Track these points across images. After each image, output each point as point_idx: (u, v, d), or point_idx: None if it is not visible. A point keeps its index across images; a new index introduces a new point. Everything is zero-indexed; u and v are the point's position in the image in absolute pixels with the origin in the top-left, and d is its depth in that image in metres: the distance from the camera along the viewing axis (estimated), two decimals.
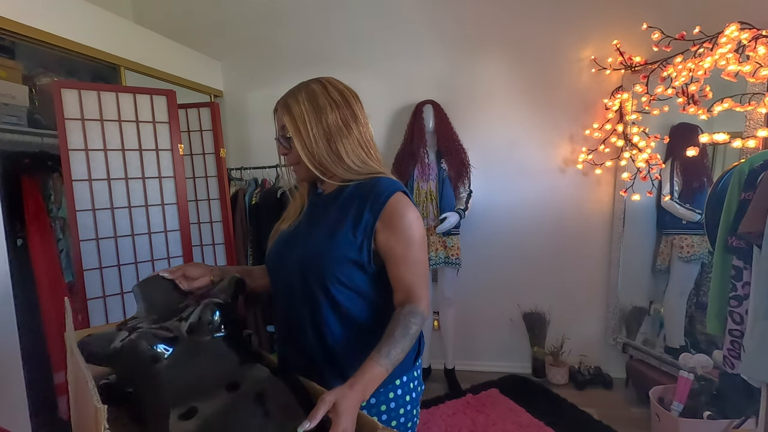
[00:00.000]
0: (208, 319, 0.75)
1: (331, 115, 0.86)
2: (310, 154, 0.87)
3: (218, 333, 0.76)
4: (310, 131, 0.86)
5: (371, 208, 0.84)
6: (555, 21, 2.51)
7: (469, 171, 2.54)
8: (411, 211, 0.86)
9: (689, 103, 1.95)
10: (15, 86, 1.91)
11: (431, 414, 2.27)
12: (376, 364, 0.73)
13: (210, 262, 2.58)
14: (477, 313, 2.79)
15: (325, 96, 0.87)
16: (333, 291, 0.85)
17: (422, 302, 0.84)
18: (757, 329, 1.27)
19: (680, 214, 2.26)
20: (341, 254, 0.84)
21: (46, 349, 1.88)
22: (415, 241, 0.85)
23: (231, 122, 3.04)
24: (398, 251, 0.84)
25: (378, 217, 0.84)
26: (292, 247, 0.91)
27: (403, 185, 0.89)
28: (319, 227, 0.89)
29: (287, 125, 0.87)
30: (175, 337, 0.73)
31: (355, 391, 0.68)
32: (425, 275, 0.88)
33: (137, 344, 0.70)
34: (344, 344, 0.87)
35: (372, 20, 2.74)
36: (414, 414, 0.95)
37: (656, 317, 2.50)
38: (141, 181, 2.05)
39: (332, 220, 0.87)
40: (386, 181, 0.88)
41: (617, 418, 2.18)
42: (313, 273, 0.86)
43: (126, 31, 2.21)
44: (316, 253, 0.86)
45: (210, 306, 0.77)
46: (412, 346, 0.81)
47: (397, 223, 0.84)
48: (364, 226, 0.84)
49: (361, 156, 0.90)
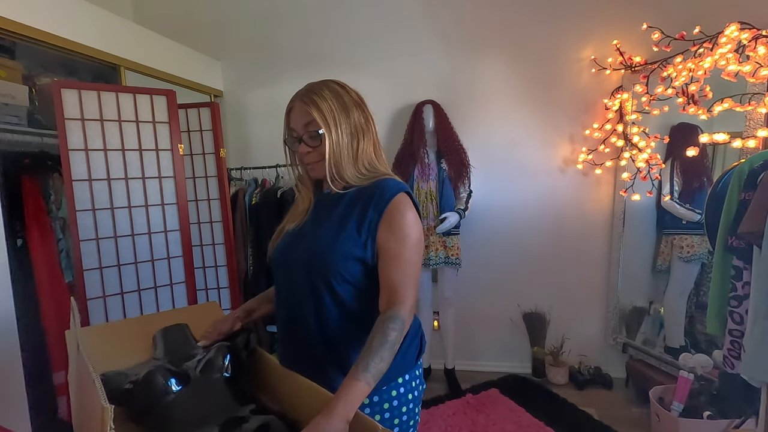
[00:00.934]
0: (219, 361, 0.84)
1: (355, 113, 0.89)
2: (336, 151, 0.87)
3: (226, 373, 0.83)
4: (339, 127, 0.87)
5: (375, 206, 0.86)
6: (555, 21, 2.51)
7: (469, 171, 2.54)
8: (411, 211, 0.87)
9: (689, 103, 1.95)
10: (15, 86, 1.91)
11: (431, 414, 2.27)
12: (356, 381, 0.72)
13: (210, 262, 2.59)
14: (477, 313, 2.79)
15: (347, 95, 0.90)
16: (336, 287, 0.86)
17: (404, 305, 0.82)
18: (757, 329, 1.27)
19: (680, 214, 2.26)
20: (346, 252, 0.85)
21: (46, 349, 1.87)
22: (410, 242, 0.85)
23: (231, 122, 3.04)
24: (392, 249, 0.85)
25: (381, 214, 0.85)
26: (297, 246, 0.92)
27: (408, 187, 0.91)
28: (325, 226, 0.90)
29: (317, 120, 0.86)
30: (186, 374, 0.80)
31: (335, 417, 0.66)
32: (414, 277, 0.86)
33: (153, 376, 0.76)
34: (344, 336, 0.89)
35: (372, 20, 2.74)
36: (416, 412, 0.97)
37: (656, 317, 2.50)
38: (141, 181, 2.05)
39: (338, 219, 0.88)
40: (392, 182, 0.89)
41: (617, 418, 2.18)
42: (318, 270, 0.87)
43: (126, 30, 2.21)
44: (322, 251, 0.87)
45: (222, 349, 0.86)
46: (395, 353, 0.78)
47: (395, 221, 0.85)
48: (368, 223, 0.85)
49: (371, 158, 0.91)
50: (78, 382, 0.69)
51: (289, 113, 0.92)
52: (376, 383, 0.74)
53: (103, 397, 0.50)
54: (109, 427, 0.47)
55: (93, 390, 0.53)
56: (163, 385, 0.75)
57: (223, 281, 2.61)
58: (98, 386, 0.53)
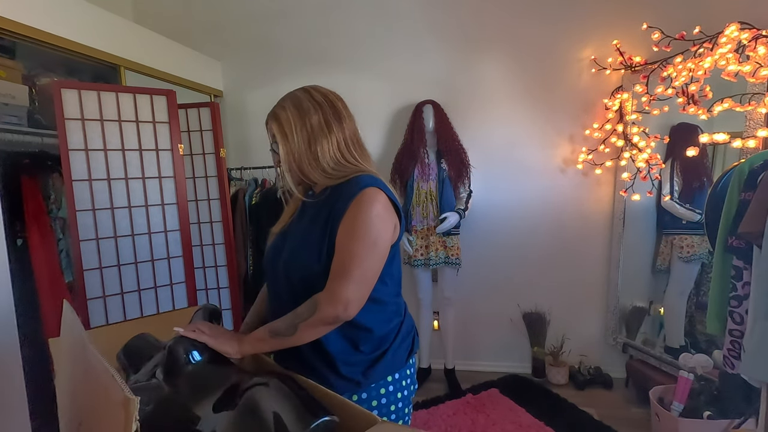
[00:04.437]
0: (179, 355, 0.76)
1: (314, 116, 0.89)
2: (292, 158, 0.89)
3: (196, 359, 0.76)
4: (294, 135, 0.89)
5: (343, 201, 0.85)
6: (555, 21, 2.51)
7: (469, 171, 2.54)
8: (375, 206, 0.83)
9: (689, 103, 1.95)
10: (15, 86, 1.91)
11: (431, 414, 2.27)
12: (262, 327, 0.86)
13: (210, 262, 2.59)
14: (477, 313, 2.79)
15: (309, 100, 0.91)
16: (314, 284, 0.86)
17: (327, 292, 0.81)
18: (757, 329, 1.27)
19: (680, 214, 2.26)
20: (317, 249, 0.86)
21: (47, 350, 1.87)
22: (360, 236, 0.81)
23: (231, 122, 3.03)
24: (341, 241, 0.83)
25: (346, 210, 0.84)
26: (280, 250, 0.94)
27: (384, 182, 0.88)
28: (300, 226, 0.93)
29: (275, 133, 0.91)
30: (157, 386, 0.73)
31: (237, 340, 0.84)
32: (359, 275, 0.81)
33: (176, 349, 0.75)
34: (332, 338, 0.89)
35: (372, 20, 2.74)
36: (406, 412, 0.97)
37: (656, 317, 2.50)
38: (141, 181, 2.05)
39: (311, 218, 0.91)
40: (365, 177, 0.87)
41: (617, 418, 2.18)
42: (295, 269, 0.89)
43: (126, 31, 2.20)
44: (296, 249, 0.90)
45: (173, 344, 0.77)
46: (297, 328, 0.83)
47: (351, 216, 0.83)
48: (333, 219, 0.85)
49: (336, 157, 0.89)
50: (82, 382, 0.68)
51: (266, 128, 0.97)
52: (273, 339, 0.85)
53: (127, 389, 0.49)
54: (135, 418, 0.46)
55: (109, 385, 0.52)
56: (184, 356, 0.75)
57: (223, 281, 2.61)
58: (118, 379, 0.51)
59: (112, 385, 0.51)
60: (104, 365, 0.56)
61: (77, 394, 0.71)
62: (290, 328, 0.83)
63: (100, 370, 0.56)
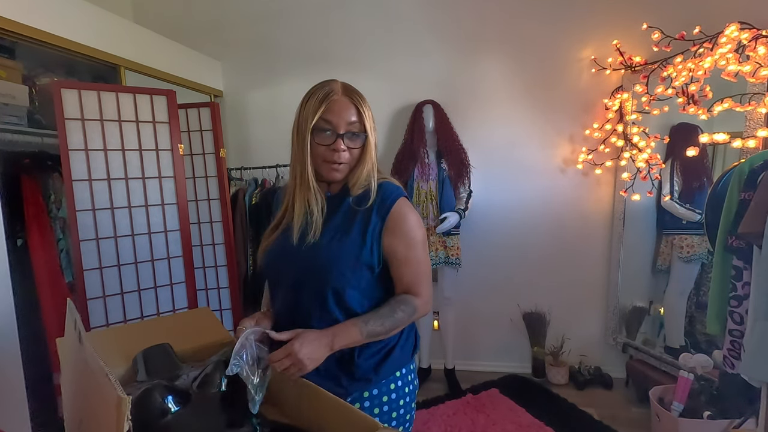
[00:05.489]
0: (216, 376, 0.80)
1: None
2: (375, 149, 0.92)
3: (222, 388, 0.80)
4: (374, 134, 0.91)
5: (378, 212, 0.88)
6: (555, 21, 2.51)
7: (469, 171, 2.54)
8: (413, 214, 0.92)
9: (689, 103, 1.95)
10: (15, 86, 1.91)
11: (431, 414, 2.27)
12: (353, 326, 0.82)
13: (210, 262, 2.59)
14: (477, 313, 2.79)
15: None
16: (344, 294, 0.87)
17: (419, 297, 0.90)
18: (757, 329, 1.27)
19: (680, 214, 2.26)
20: (355, 259, 0.87)
21: (47, 349, 1.87)
22: (417, 243, 0.91)
23: (231, 122, 3.03)
24: (401, 253, 0.89)
25: (385, 221, 0.88)
26: (298, 253, 0.89)
27: (403, 188, 0.95)
28: (330, 232, 0.89)
29: (363, 122, 0.87)
30: (185, 392, 0.76)
31: (322, 340, 0.78)
32: (427, 274, 0.93)
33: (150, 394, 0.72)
34: None
35: (372, 20, 2.74)
36: (412, 406, 0.98)
37: (656, 317, 2.50)
38: (141, 181, 2.05)
39: (342, 226, 0.89)
40: (390, 186, 0.92)
41: (617, 418, 2.18)
42: (326, 278, 0.87)
43: (126, 31, 2.21)
44: (331, 258, 0.87)
45: (219, 364, 0.82)
46: (394, 330, 0.87)
47: (400, 227, 0.89)
48: (372, 229, 0.88)
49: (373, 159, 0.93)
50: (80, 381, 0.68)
51: (326, 102, 0.84)
52: (366, 340, 0.83)
53: (119, 388, 0.48)
54: (126, 417, 0.46)
55: (103, 383, 0.52)
56: (160, 404, 0.70)
57: (223, 281, 2.61)
58: (112, 379, 0.51)
59: (106, 384, 0.51)
60: (99, 364, 0.55)
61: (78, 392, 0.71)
62: (389, 331, 0.87)
63: (95, 368, 0.56)
